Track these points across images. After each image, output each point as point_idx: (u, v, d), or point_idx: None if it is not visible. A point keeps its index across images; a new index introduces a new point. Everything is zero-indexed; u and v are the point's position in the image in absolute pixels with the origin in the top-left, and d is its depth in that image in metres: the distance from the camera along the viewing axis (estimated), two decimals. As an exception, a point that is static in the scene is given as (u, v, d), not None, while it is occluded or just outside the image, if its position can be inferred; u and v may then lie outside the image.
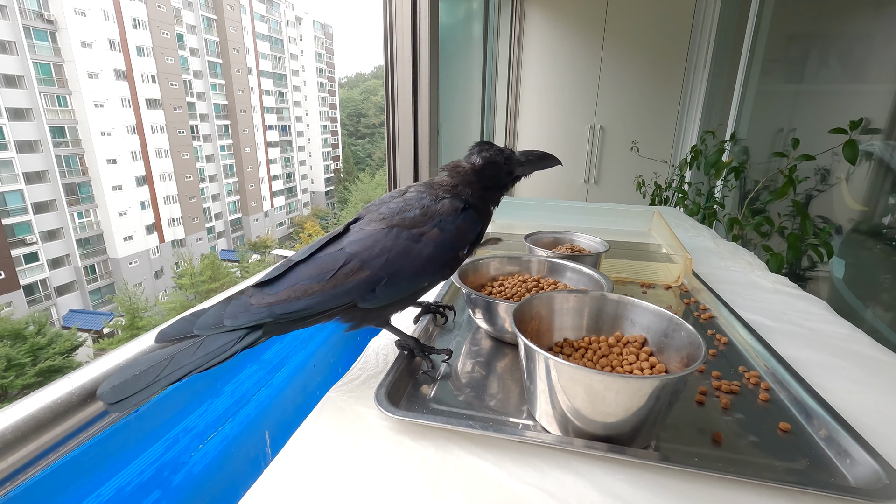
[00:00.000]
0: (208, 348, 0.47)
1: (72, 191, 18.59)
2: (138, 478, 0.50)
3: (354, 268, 0.53)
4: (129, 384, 0.43)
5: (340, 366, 0.86)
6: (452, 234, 0.58)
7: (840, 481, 0.45)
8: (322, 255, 0.54)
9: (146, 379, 0.44)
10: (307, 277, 0.52)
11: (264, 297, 0.51)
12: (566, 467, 0.46)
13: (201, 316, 0.49)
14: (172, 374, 0.45)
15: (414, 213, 0.57)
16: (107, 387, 0.43)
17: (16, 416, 0.41)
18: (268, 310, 0.50)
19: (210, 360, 0.46)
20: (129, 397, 0.43)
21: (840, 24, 1.84)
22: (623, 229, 1.44)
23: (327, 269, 0.52)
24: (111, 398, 0.43)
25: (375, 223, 0.57)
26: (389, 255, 0.54)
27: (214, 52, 25.23)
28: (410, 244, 0.55)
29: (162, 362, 0.45)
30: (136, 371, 0.44)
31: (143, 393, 0.43)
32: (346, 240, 0.55)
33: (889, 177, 1.44)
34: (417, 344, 0.63)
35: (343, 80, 49.90)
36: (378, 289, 0.54)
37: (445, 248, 0.57)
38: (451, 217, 0.58)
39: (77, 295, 18.47)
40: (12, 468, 0.40)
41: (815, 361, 0.67)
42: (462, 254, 0.61)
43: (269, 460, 0.46)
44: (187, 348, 0.47)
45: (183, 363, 0.45)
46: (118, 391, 0.43)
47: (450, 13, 1.84)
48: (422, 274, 0.57)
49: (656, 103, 3.12)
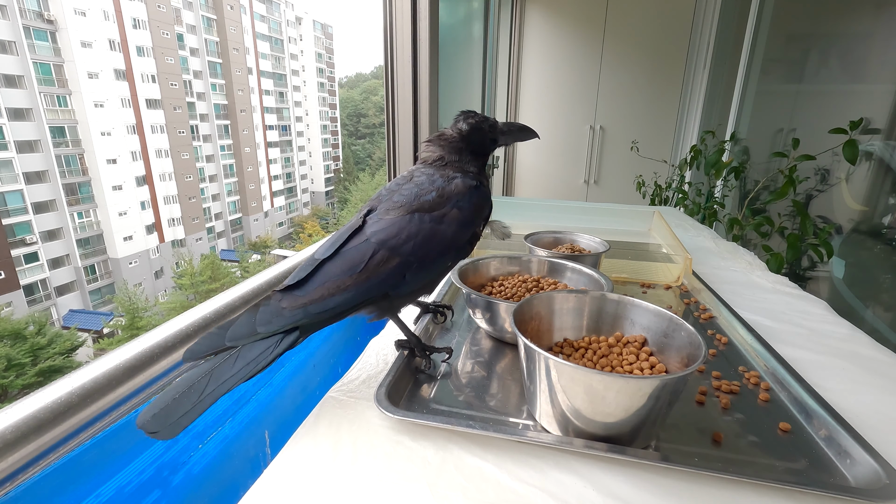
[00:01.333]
0: (247, 357, 0.47)
1: (72, 191, 18.59)
2: (138, 478, 0.50)
3: (384, 257, 0.53)
4: (171, 409, 0.43)
5: (340, 366, 0.86)
6: (471, 211, 0.60)
7: (840, 481, 0.45)
8: (348, 249, 0.54)
9: (190, 399, 0.43)
10: (338, 273, 0.52)
11: (296, 300, 0.51)
12: (566, 467, 0.45)
13: (229, 328, 0.49)
14: (217, 389, 0.44)
15: (431, 197, 0.58)
16: (147, 416, 0.43)
17: (16, 416, 0.41)
18: (303, 311, 0.50)
19: (253, 369, 0.47)
20: (175, 421, 0.42)
21: (840, 24, 1.84)
22: (623, 229, 1.44)
23: (357, 262, 0.53)
24: (155, 427, 0.42)
25: (395, 211, 0.57)
26: (416, 240, 0.55)
27: (214, 52, 25.24)
28: (434, 227, 0.57)
29: (202, 380, 0.45)
30: (175, 394, 0.44)
31: (189, 414, 0.43)
32: (369, 230, 0.55)
33: (889, 177, 1.44)
34: (419, 342, 0.64)
35: (343, 80, 49.94)
36: (408, 275, 0.55)
37: (466, 225, 0.59)
38: (467, 196, 0.60)
39: (77, 295, 18.47)
40: (12, 468, 0.40)
41: (815, 361, 0.67)
42: (479, 230, 0.63)
43: (269, 460, 0.46)
44: (224, 361, 0.46)
45: (225, 377, 0.45)
46: (161, 418, 0.42)
47: (450, 13, 1.84)
48: (447, 254, 0.58)
49: (656, 103, 3.12)
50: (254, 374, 0.47)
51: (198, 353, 0.48)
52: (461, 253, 0.61)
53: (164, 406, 0.43)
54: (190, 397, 0.43)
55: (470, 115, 0.67)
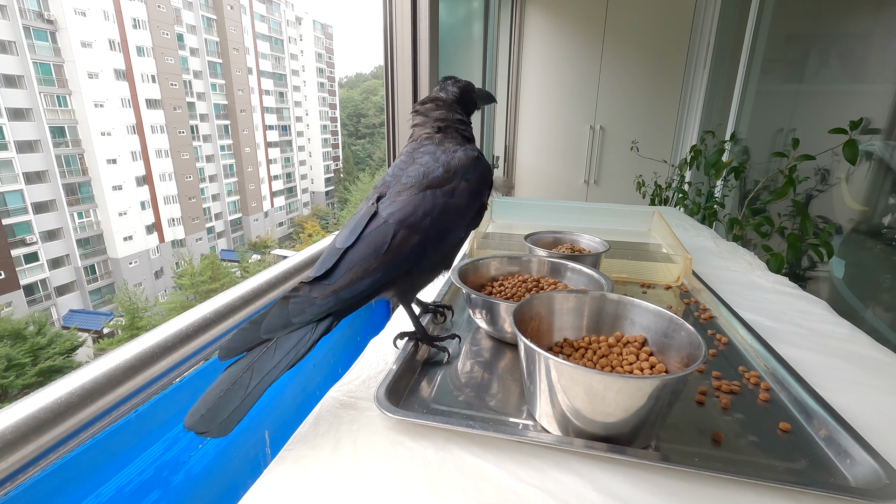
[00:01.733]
0: (286, 348, 0.48)
1: (72, 191, 18.59)
2: (138, 478, 0.50)
3: (405, 236, 0.55)
4: (219, 407, 0.43)
5: (340, 366, 0.86)
6: (478, 182, 0.63)
7: (840, 481, 0.45)
8: (369, 233, 0.55)
9: (237, 395, 0.44)
10: (362, 258, 0.54)
11: (326, 289, 0.52)
12: (566, 467, 0.45)
13: (262, 322, 0.49)
14: (262, 381, 0.45)
15: (439, 173, 0.60)
16: (195, 417, 0.43)
17: (16, 416, 0.41)
18: (334, 298, 0.51)
19: (294, 358, 0.48)
20: (226, 418, 0.43)
21: (840, 24, 1.84)
22: (623, 229, 1.44)
23: (380, 243, 0.54)
24: (205, 427, 0.42)
25: (407, 192, 0.58)
26: (433, 215, 0.57)
27: (214, 52, 25.23)
28: (447, 200, 0.59)
29: (244, 375, 0.45)
30: (220, 392, 0.44)
31: (240, 409, 0.44)
32: (384, 213, 0.57)
33: (889, 177, 1.44)
34: (425, 333, 0.66)
35: (343, 80, 49.93)
36: (429, 250, 0.57)
37: (475, 196, 0.62)
38: (472, 167, 0.62)
39: (77, 295, 18.47)
40: (12, 468, 0.40)
41: (815, 361, 0.67)
42: (485, 199, 0.65)
43: (269, 460, 0.46)
44: (263, 354, 0.47)
45: (267, 369, 0.46)
46: (210, 418, 0.43)
47: (450, 13, 1.84)
48: (461, 225, 0.61)
49: (656, 103, 3.12)
50: (295, 362, 0.48)
51: (234, 349, 0.48)
52: (473, 223, 0.64)
53: (212, 405, 0.43)
54: (237, 393, 0.44)
55: (451, 79, 0.71)
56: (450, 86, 0.70)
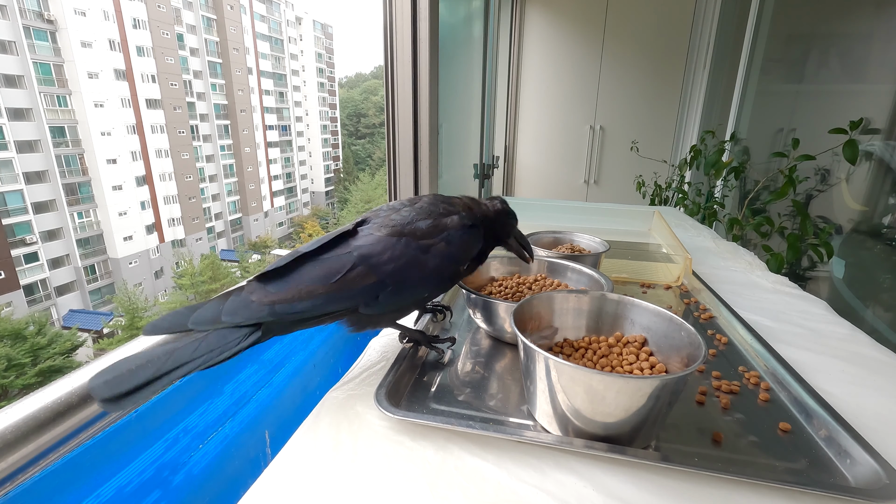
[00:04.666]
0: (210, 345, 0.45)
1: (72, 191, 18.57)
2: (138, 478, 0.50)
3: (361, 273, 0.53)
4: (124, 378, 0.41)
5: (340, 366, 0.86)
6: (458, 248, 0.59)
7: (840, 481, 0.45)
8: (330, 256, 0.53)
9: (144, 374, 0.42)
10: (313, 278, 0.51)
11: (266, 295, 0.49)
12: (566, 467, 0.45)
13: (197, 310, 0.47)
14: (174, 371, 0.43)
15: (426, 224, 0.58)
16: (99, 380, 0.41)
17: (16, 416, 0.41)
18: (269, 308, 0.49)
19: (212, 359, 0.45)
20: (127, 394, 0.41)
21: (840, 24, 1.84)
22: (623, 229, 1.44)
23: (334, 271, 0.52)
24: (104, 393, 0.40)
25: (386, 229, 0.56)
26: (398, 263, 0.54)
27: (214, 52, 25.22)
28: (418, 255, 0.56)
29: (161, 357, 0.43)
30: (131, 365, 0.42)
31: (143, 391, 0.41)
32: (354, 243, 0.55)
33: (889, 177, 1.44)
34: (423, 335, 0.65)
35: (343, 80, 49.91)
36: (382, 295, 0.54)
37: (450, 261, 0.58)
38: (459, 232, 0.59)
39: (77, 295, 18.46)
40: (12, 468, 0.40)
41: (815, 361, 0.67)
42: (463, 269, 0.62)
43: (269, 460, 0.46)
44: (187, 345, 0.45)
45: (183, 360, 0.44)
46: (113, 385, 0.41)
47: (450, 13, 1.84)
48: (425, 285, 0.58)
49: (656, 103, 3.12)
50: (213, 363, 0.45)
51: (160, 328, 0.46)
52: (440, 287, 0.61)
53: (119, 374, 0.41)
54: (146, 371, 0.42)
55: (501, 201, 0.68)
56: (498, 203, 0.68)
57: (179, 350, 0.44)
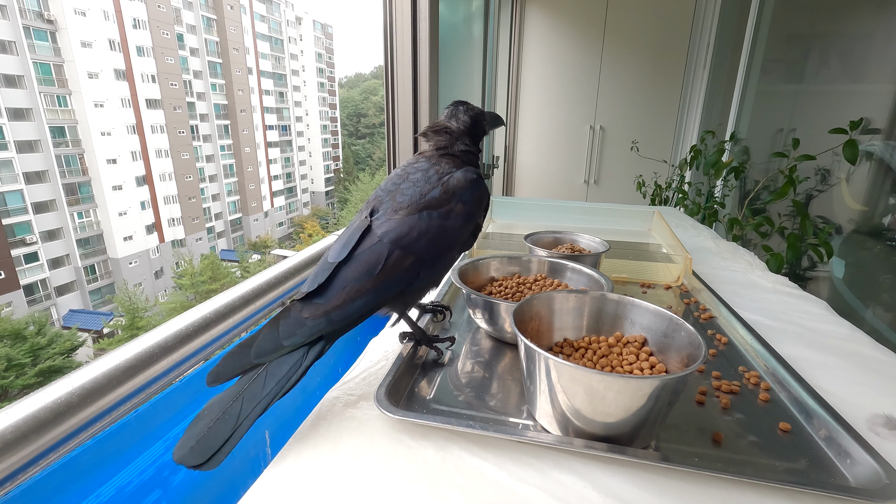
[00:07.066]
0: (278, 374, 0.47)
1: (72, 191, 18.59)
2: (138, 478, 0.50)
3: (399, 257, 0.54)
4: (209, 439, 0.42)
5: (340, 366, 0.86)
6: (473, 204, 0.62)
7: (840, 481, 0.45)
8: (363, 252, 0.54)
9: (228, 426, 0.42)
10: (355, 277, 0.52)
11: (318, 308, 0.50)
12: (566, 467, 0.45)
13: (252, 345, 0.48)
14: (253, 411, 0.44)
15: (437, 193, 0.59)
16: (185, 449, 0.41)
17: (16, 416, 0.41)
18: (325, 319, 0.50)
19: (285, 385, 0.46)
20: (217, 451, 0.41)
21: (840, 24, 1.84)
22: (623, 229, 1.44)
23: (374, 263, 0.53)
24: (195, 460, 0.41)
25: (403, 210, 0.57)
26: (428, 237, 0.56)
27: (214, 52, 25.23)
28: (442, 223, 0.58)
29: (234, 404, 0.44)
30: (209, 423, 0.43)
31: (230, 442, 0.42)
32: (379, 232, 0.56)
33: (889, 177, 1.44)
34: (424, 334, 0.66)
35: (343, 80, 49.90)
36: (423, 271, 0.56)
37: (470, 218, 0.61)
38: (469, 189, 0.61)
39: (77, 295, 18.47)
40: (12, 468, 0.40)
41: (815, 361, 0.67)
42: (481, 221, 0.65)
43: (269, 460, 0.46)
44: (254, 381, 0.46)
45: (258, 397, 0.45)
46: (200, 450, 0.41)
47: (450, 13, 1.84)
48: (455, 247, 0.61)
49: (656, 103, 3.12)
50: (287, 390, 0.46)
51: (224, 374, 0.46)
52: (467, 245, 0.64)
53: (201, 437, 0.42)
54: (227, 423, 0.43)
55: (462, 105, 0.70)
56: (461, 114, 0.68)
57: (248, 390, 0.45)
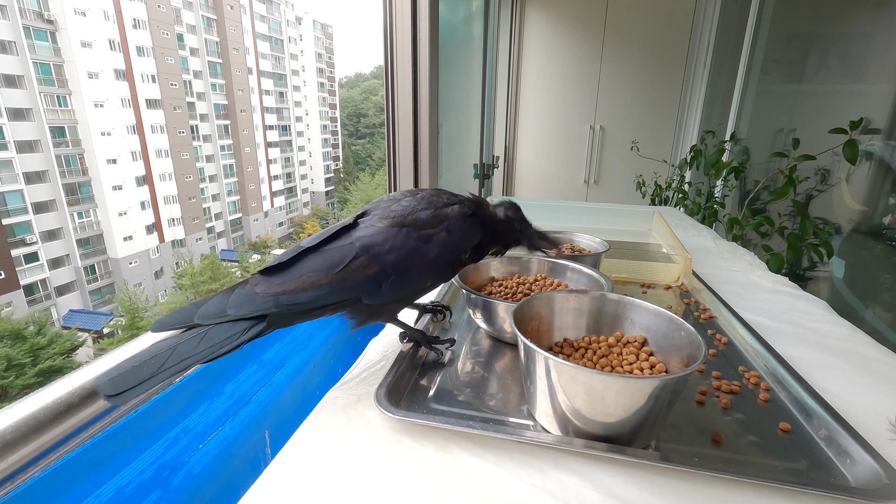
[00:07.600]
0: (212, 339, 0.46)
1: (72, 191, 18.57)
2: (138, 478, 0.50)
3: (364, 263, 0.53)
4: (129, 375, 0.42)
5: (340, 366, 0.86)
6: (459, 237, 0.59)
7: (840, 481, 0.45)
8: (332, 248, 0.54)
9: (148, 370, 0.43)
10: (316, 269, 0.52)
11: (270, 286, 0.50)
12: (566, 467, 0.45)
13: (203, 305, 0.48)
14: (176, 365, 0.44)
15: (426, 215, 0.58)
16: (105, 378, 0.42)
17: (16, 416, 0.41)
18: (273, 299, 0.49)
19: (215, 351, 0.46)
20: (130, 389, 0.41)
21: (840, 24, 1.84)
22: (623, 229, 1.44)
23: (337, 261, 0.53)
24: (110, 390, 0.41)
25: (387, 220, 0.57)
26: (399, 253, 0.55)
27: (214, 52, 25.21)
28: (419, 244, 0.56)
29: (164, 353, 0.44)
30: (136, 362, 0.43)
31: (145, 384, 0.42)
32: (355, 234, 0.56)
33: (889, 177, 1.44)
34: (423, 335, 0.65)
35: (343, 80, 49.87)
36: (384, 285, 0.54)
37: (451, 250, 0.59)
38: (460, 221, 0.60)
39: (77, 295, 18.45)
40: (12, 468, 0.40)
41: (815, 361, 0.67)
42: (464, 257, 0.62)
43: (269, 460, 0.46)
44: (190, 339, 0.46)
45: (186, 354, 0.45)
46: (117, 382, 0.42)
47: (450, 13, 1.84)
48: (426, 274, 0.58)
49: (656, 103, 3.12)
50: (215, 356, 0.46)
51: (167, 324, 0.47)
52: (442, 276, 0.61)
53: (124, 371, 0.42)
54: (149, 367, 0.43)
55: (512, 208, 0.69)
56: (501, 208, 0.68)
57: (182, 344, 0.45)
